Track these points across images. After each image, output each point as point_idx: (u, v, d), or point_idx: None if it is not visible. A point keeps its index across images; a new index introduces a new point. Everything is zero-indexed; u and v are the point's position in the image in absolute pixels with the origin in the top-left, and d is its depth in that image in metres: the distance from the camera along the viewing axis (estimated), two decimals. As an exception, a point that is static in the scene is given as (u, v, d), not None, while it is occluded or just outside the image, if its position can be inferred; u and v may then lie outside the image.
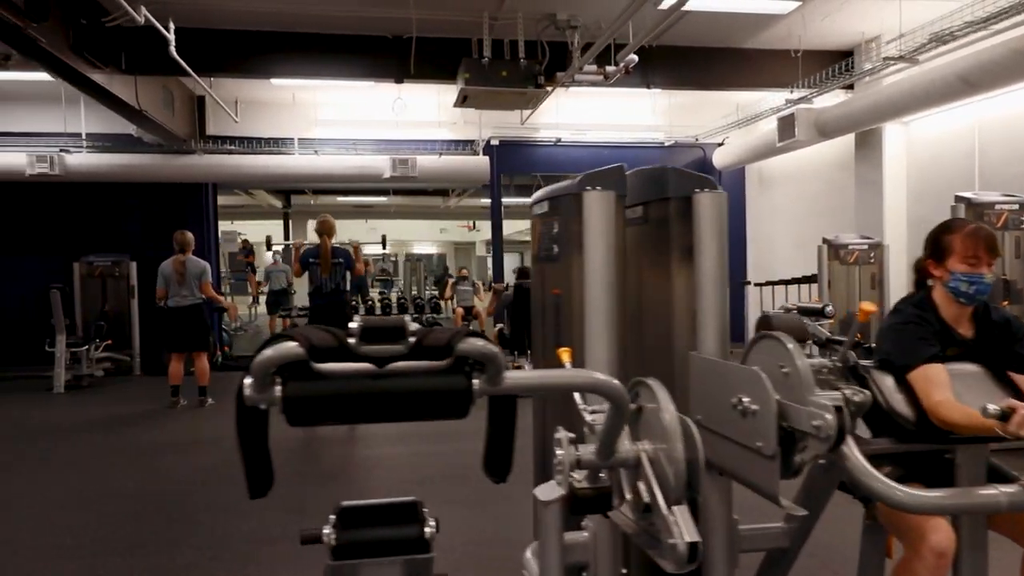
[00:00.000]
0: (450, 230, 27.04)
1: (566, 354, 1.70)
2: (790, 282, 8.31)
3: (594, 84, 6.93)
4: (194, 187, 9.61)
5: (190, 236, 6.86)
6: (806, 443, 1.37)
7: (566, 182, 2.11)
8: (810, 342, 2.57)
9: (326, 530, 1.20)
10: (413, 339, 0.98)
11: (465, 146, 10.04)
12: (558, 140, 10.24)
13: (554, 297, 2.20)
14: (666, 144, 10.47)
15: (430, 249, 27.96)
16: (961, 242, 1.97)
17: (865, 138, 7.78)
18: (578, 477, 1.33)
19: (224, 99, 9.07)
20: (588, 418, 1.42)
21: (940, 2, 5.92)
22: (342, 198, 18.20)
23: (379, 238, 13.09)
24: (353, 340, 0.98)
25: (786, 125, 7.66)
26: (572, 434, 1.35)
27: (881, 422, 1.89)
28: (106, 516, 3.80)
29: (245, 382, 0.96)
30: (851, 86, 7.69)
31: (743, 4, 6.49)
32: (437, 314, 10.41)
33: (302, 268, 6.28)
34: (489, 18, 6.46)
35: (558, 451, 1.33)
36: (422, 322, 10.10)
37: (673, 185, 2.02)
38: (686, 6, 4.96)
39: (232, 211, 16.61)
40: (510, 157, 10.27)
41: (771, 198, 10.39)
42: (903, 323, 1.99)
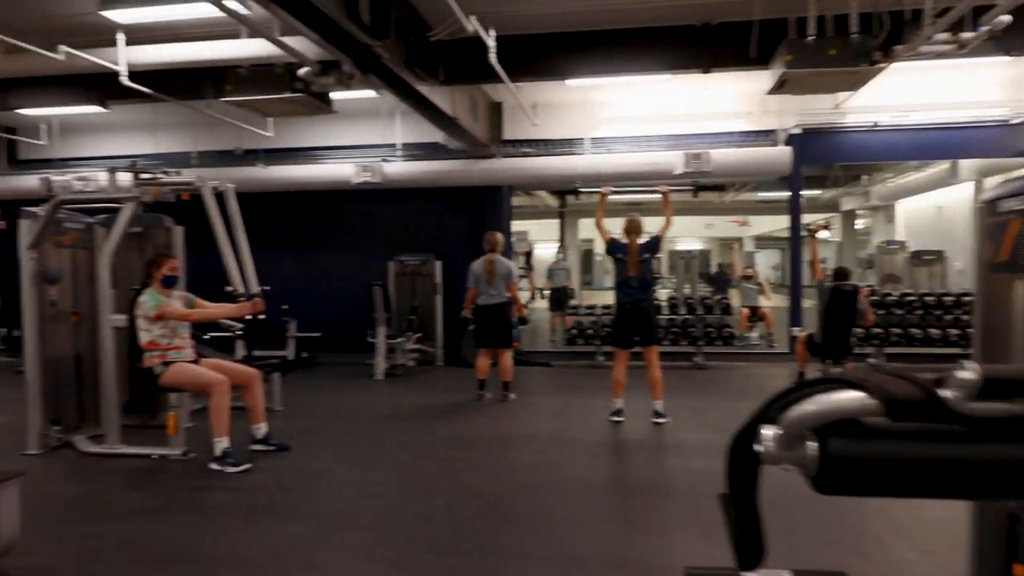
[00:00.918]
0: (716, 226, 25.96)
1: None
2: None
3: (941, 56, 5.93)
4: (491, 189, 10.06)
5: (500, 236, 7.11)
6: None
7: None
8: None
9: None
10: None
11: (763, 137, 9.34)
12: (875, 124, 9.09)
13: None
14: (1012, 122, 8.82)
15: (695, 246, 27.11)
16: None
17: None
18: None
19: (521, 104, 9.37)
20: None
21: None
22: (614, 196, 18.19)
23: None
24: (952, 393, 0.74)
25: None
26: None
27: None
28: (449, 511, 3.93)
29: (764, 435, 0.79)
30: None
31: None
32: (727, 314, 9.79)
33: (608, 253, 6.23)
34: (816, -8, 5.81)
35: None
36: (702, 323, 9.58)
37: None
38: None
39: (513, 211, 17.44)
40: (815, 146, 9.34)
41: None
42: None
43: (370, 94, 8.85)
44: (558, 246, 17.44)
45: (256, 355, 9.47)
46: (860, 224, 19.97)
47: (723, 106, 9.29)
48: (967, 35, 5.60)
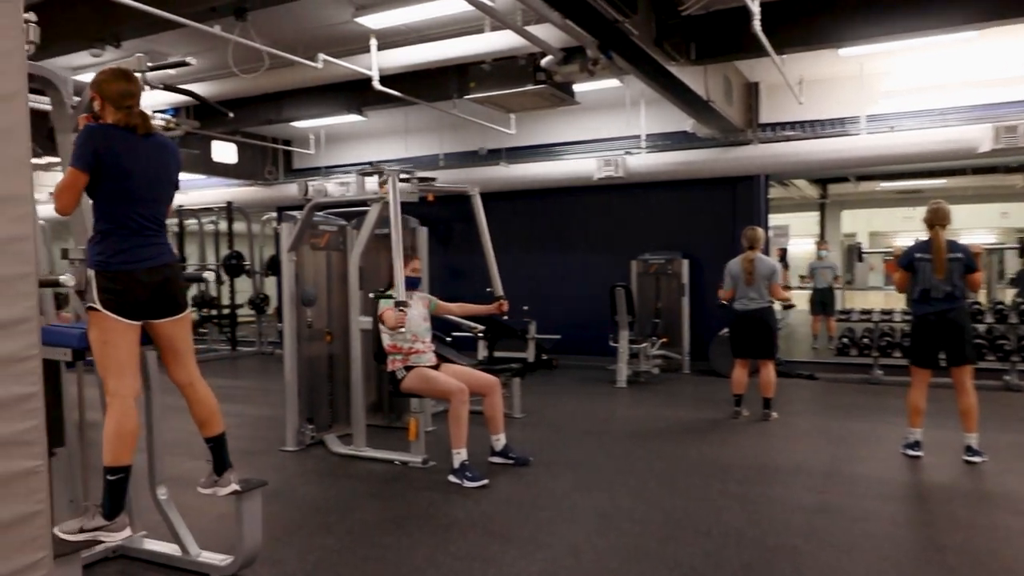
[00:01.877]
0: (1013, 214, 21.90)
1: None
2: None
3: None
4: (745, 180, 9.07)
5: (760, 232, 6.22)
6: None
7: None
8: None
9: None
10: None
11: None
12: None
13: None
14: None
15: (991, 239, 23.11)
16: None
17: None
18: None
19: (781, 82, 8.29)
20: None
21: None
22: (885, 183, 15.96)
23: (917, 227, 10.83)
24: None
25: None
26: None
27: None
28: (713, 562, 3.26)
29: None
30: None
31: None
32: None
33: (904, 267, 5.02)
34: None
35: None
36: (1015, 335, 7.74)
37: None
38: None
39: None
40: None
41: None
42: None
43: (612, 84, 8.39)
44: (817, 241, 15.69)
45: (497, 356, 9.48)
46: None
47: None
48: None
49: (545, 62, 6.24)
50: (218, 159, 11.15)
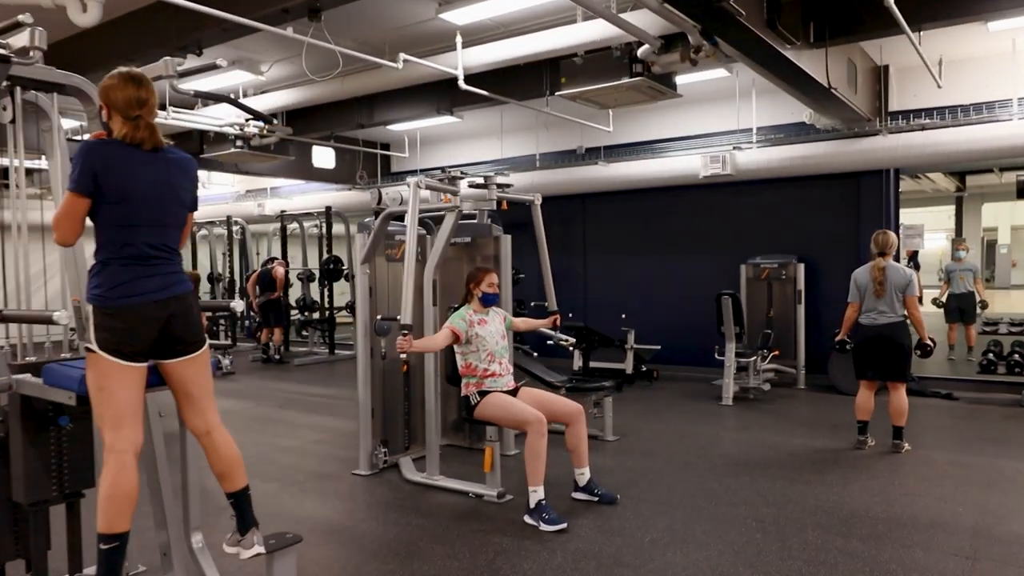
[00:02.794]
0: None
1: None
2: None
3: None
4: (870, 175, 8.11)
5: (893, 237, 5.41)
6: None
7: None
8: None
9: None
10: None
11: None
12: None
13: None
14: None
15: None
16: None
17: None
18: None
19: (914, 64, 7.35)
20: None
21: None
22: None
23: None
24: None
25: None
26: None
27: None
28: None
29: None
30: None
31: None
32: None
33: None
34: None
35: None
36: None
37: None
38: None
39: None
40: None
41: None
42: None
43: (719, 74, 7.71)
44: (953, 240, 14.16)
45: (593, 367, 8.96)
46: None
47: None
48: None
49: (642, 52, 5.70)
50: (318, 164, 11.21)
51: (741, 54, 5.36)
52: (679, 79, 7.55)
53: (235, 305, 2.77)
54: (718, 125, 8.99)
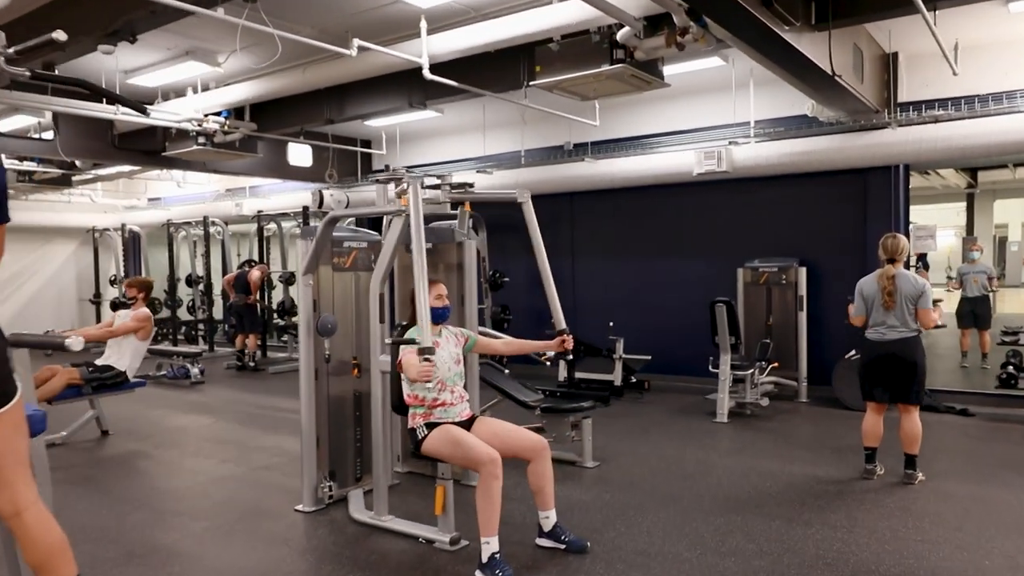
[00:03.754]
0: None
1: None
2: None
3: None
4: (877, 171, 7.50)
5: (903, 242, 4.80)
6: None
7: None
8: None
9: None
10: None
11: None
12: None
13: None
14: None
15: None
16: None
17: None
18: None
19: (926, 51, 6.76)
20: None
21: None
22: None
23: None
24: None
25: None
26: None
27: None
28: None
29: None
30: None
31: None
32: None
33: None
34: None
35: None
36: None
37: None
38: None
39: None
40: None
41: None
42: None
43: (712, 63, 7.13)
44: (965, 239, 13.55)
45: (580, 379, 8.38)
46: None
47: None
48: None
49: (622, 35, 5.11)
50: (294, 162, 10.64)
51: (733, 36, 4.78)
52: (671, 69, 6.97)
53: (71, 343, 2.21)
54: (714, 119, 8.40)
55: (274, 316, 12.15)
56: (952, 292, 9.86)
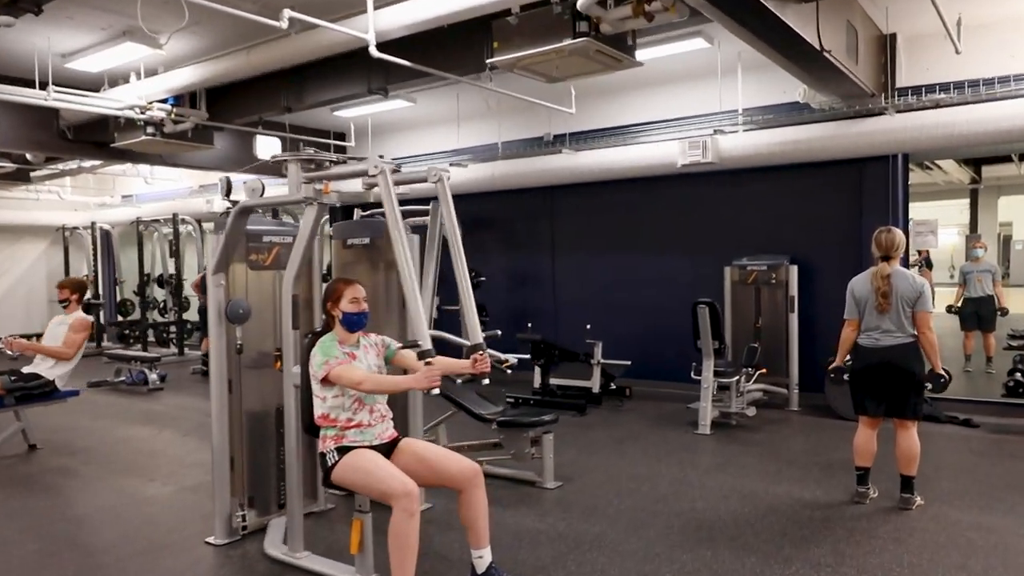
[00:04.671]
0: None
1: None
2: None
3: None
4: (874, 162, 6.94)
5: (899, 236, 4.25)
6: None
7: None
8: None
9: None
10: None
11: None
12: None
13: None
14: None
15: None
16: None
17: None
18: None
19: (926, 31, 6.20)
20: None
21: None
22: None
23: None
24: None
25: None
26: None
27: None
28: None
29: None
30: None
31: None
32: None
33: None
34: None
35: None
36: None
37: None
38: None
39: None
40: None
41: None
42: None
43: (696, 46, 6.60)
44: (968, 237, 12.99)
45: (555, 385, 7.83)
46: None
47: None
48: None
49: (583, 4, 4.55)
50: (262, 156, 10.10)
51: (708, 4, 4.22)
52: (653, 53, 6.46)
53: None
54: (699, 107, 7.84)
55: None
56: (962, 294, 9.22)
